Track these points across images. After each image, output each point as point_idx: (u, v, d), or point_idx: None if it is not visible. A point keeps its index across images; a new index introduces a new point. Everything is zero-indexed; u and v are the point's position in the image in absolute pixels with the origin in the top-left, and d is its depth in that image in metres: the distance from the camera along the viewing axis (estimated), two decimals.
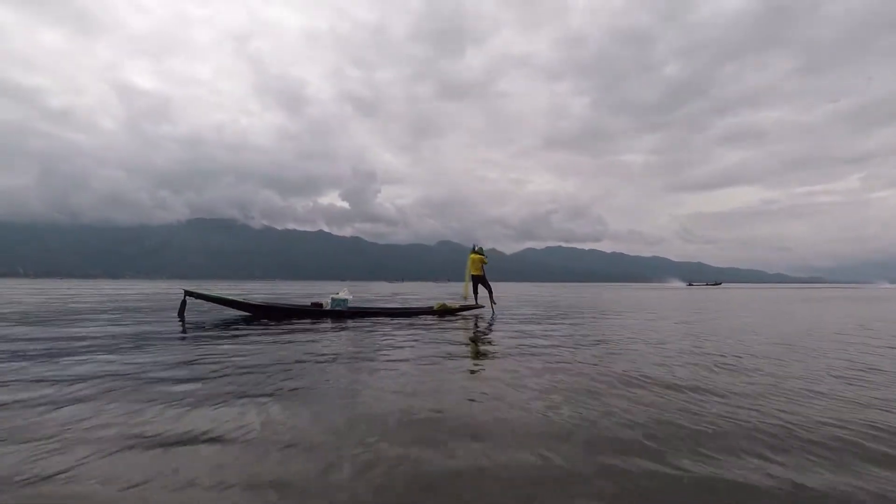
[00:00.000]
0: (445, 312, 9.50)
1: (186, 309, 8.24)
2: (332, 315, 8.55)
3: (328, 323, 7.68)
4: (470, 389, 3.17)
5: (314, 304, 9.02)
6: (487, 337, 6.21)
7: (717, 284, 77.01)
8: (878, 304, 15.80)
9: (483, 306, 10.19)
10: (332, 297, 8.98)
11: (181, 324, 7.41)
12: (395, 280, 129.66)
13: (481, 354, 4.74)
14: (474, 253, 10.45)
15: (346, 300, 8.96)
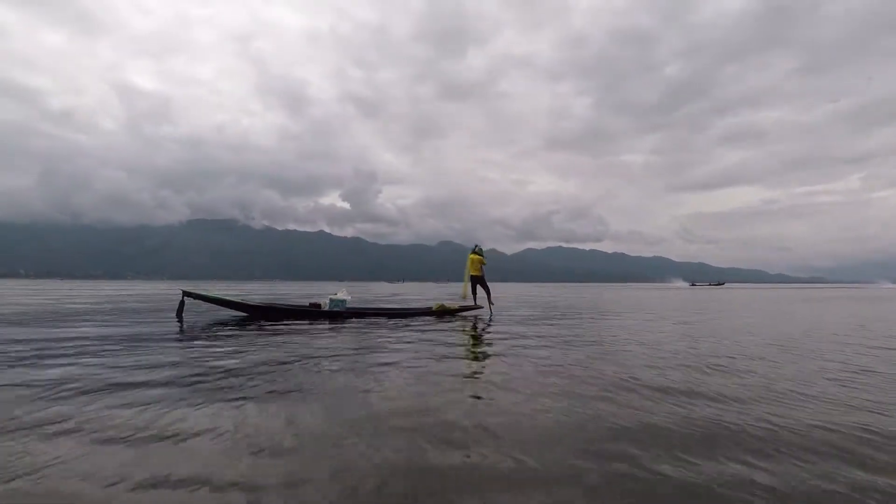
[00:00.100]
0: (444, 313, 9.50)
1: (185, 309, 8.25)
2: (329, 316, 8.55)
3: (326, 324, 7.68)
4: (457, 393, 3.12)
5: (312, 304, 9.02)
6: (483, 338, 6.17)
7: (719, 284, 76.81)
8: (879, 304, 15.76)
9: (482, 307, 10.18)
10: (330, 297, 8.98)
11: (179, 324, 7.42)
12: (396, 280, 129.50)
13: (474, 356, 4.70)
14: (473, 253, 10.46)
15: (344, 301, 8.96)
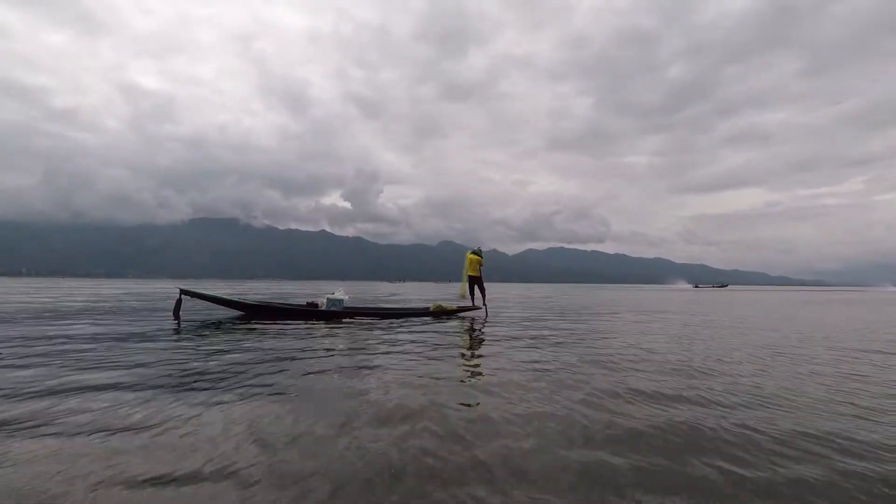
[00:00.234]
0: (441, 314, 9.49)
1: (182, 308, 8.26)
2: (326, 315, 8.55)
3: (322, 323, 7.68)
4: (439, 396, 3.04)
5: (309, 303, 9.02)
6: (476, 340, 6.08)
7: (723, 287, 76.79)
8: (881, 308, 15.73)
9: (480, 307, 10.18)
10: (327, 297, 8.98)
11: (176, 323, 7.43)
12: (396, 280, 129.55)
13: (464, 359, 4.60)
14: (473, 254, 10.44)
15: (341, 300, 8.96)
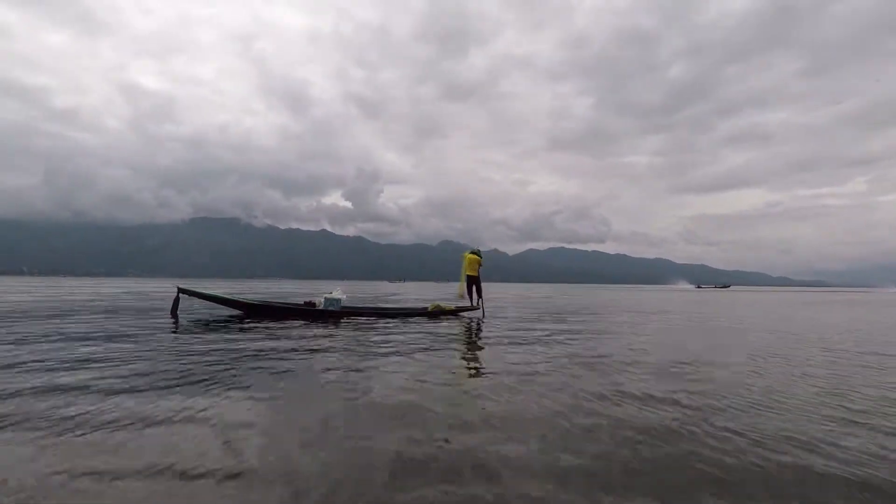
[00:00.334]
0: (439, 314, 9.48)
1: (180, 307, 8.28)
2: (323, 315, 8.55)
3: (319, 322, 7.68)
4: (430, 396, 2.98)
5: (307, 303, 9.03)
6: (470, 341, 5.99)
7: (725, 287, 76.98)
8: (883, 310, 15.70)
9: (478, 308, 10.17)
10: (325, 296, 8.98)
11: (173, 321, 7.44)
12: (397, 280, 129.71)
13: (457, 360, 4.51)
14: (472, 253, 10.43)
15: (339, 300, 8.95)
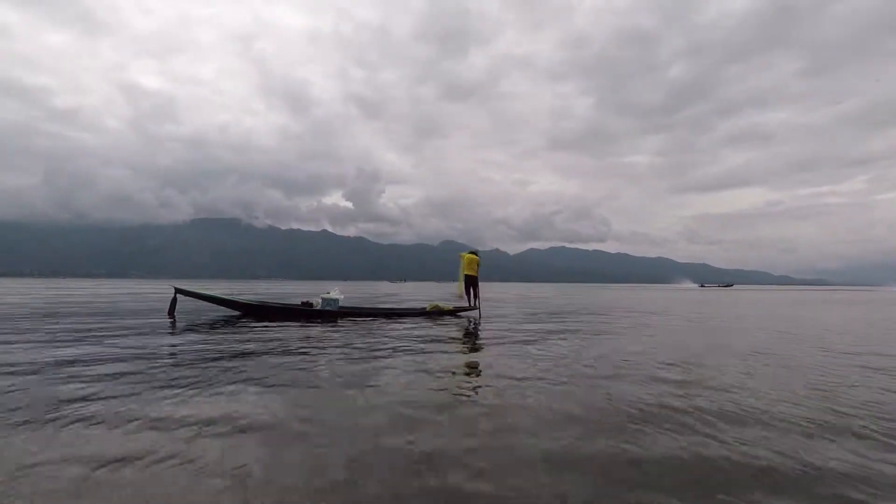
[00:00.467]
0: (437, 314, 9.47)
1: (178, 308, 8.28)
2: (321, 315, 8.55)
3: (316, 323, 7.68)
4: (421, 400, 2.95)
5: (304, 303, 9.02)
6: (466, 342, 5.92)
7: (728, 286, 77.02)
8: (885, 309, 15.67)
9: (476, 308, 10.16)
10: (322, 296, 8.98)
11: (171, 322, 7.45)
12: (397, 280, 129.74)
13: (452, 361, 4.45)
14: (470, 254, 10.42)
15: (336, 300, 8.95)
